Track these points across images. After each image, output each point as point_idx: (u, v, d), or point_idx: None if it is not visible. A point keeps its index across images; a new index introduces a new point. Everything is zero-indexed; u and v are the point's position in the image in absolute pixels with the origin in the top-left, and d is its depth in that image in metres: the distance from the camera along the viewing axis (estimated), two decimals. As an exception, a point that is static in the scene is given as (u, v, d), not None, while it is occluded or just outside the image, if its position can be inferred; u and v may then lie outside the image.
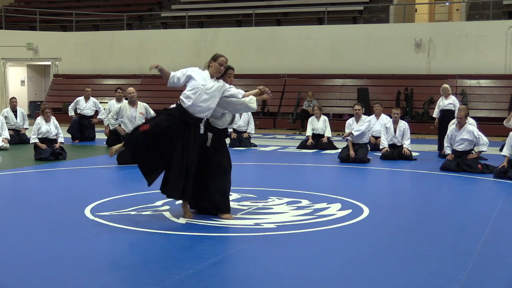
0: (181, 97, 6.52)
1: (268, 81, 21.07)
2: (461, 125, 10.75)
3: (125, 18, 24.52)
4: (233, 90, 6.60)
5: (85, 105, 15.62)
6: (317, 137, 13.96)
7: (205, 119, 6.64)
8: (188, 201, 6.67)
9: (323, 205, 7.37)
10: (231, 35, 22.30)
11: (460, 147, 10.71)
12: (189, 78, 6.52)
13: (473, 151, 10.77)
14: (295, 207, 7.21)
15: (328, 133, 13.95)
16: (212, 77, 6.54)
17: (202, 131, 6.62)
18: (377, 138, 12.99)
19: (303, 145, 14.00)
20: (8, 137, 13.70)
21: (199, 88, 6.43)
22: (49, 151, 11.56)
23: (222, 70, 6.55)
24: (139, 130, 6.58)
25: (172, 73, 6.57)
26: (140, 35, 23.75)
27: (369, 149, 12.21)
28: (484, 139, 10.64)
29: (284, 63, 21.38)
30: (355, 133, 11.66)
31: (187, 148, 6.42)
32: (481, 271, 4.93)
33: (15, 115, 14.88)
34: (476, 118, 13.19)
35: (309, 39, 21.28)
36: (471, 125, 11.05)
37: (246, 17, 23.39)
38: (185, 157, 6.39)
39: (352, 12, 22.68)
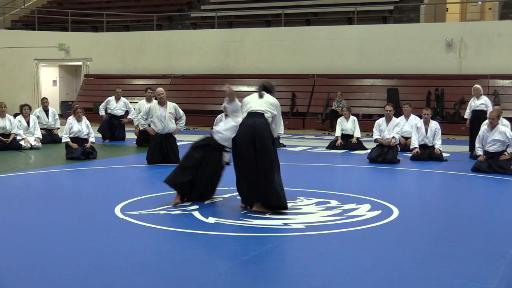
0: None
1: (297, 81, 21.05)
2: (493, 125, 10.60)
3: (155, 19, 24.70)
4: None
5: (116, 105, 15.74)
6: (346, 137, 13.90)
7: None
8: (181, 194, 7.32)
9: (353, 205, 7.33)
10: (260, 35, 22.30)
11: (492, 148, 10.56)
12: None
13: (505, 152, 10.61)
14: (324, 208, 7.19)
15: (357, 133, 13.86)
16: None
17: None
18: (406, 138, 12.88)
19: (332, 146, 13.94)
20: (41, 137, 13.92)
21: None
22: (80, 151, 11.69)
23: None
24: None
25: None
26: (170, 35, 23.88)
27: (399, 150, 12.12)
28: (516, 140, 10.48)
29: (313, 63, 21.30)
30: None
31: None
32: (513, 274, 4.86)
33: (47, 115, 15.11)
34: (508, 119, 12.96)
35: (338, 39, 21.17)
36: (504, 126, 10.89)
37: (275, 17, 23.37)
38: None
39: (382, 12, 22.51)
